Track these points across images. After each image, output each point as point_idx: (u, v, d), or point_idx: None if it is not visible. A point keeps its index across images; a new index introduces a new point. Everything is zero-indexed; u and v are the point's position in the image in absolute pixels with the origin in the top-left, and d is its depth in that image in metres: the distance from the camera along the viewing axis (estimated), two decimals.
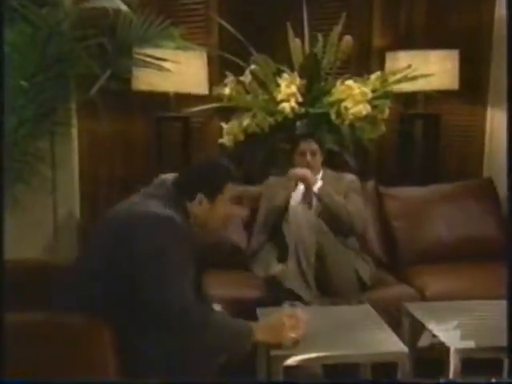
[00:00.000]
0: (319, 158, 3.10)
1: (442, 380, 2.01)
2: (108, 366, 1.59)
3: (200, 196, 1.91)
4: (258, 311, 2.30)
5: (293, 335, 1.91)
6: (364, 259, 2.99)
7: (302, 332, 1.93)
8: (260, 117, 3.40)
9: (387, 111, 3.40)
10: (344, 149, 3.45)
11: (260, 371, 2.27)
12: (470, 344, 1.95)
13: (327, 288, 2.63)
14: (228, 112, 3.53)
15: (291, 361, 1.94)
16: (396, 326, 2.18)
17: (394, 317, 2.40)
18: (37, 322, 1.60)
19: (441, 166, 3.66)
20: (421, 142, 3.66)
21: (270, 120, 3.38)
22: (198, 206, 1.91)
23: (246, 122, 3.40)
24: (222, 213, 1.95)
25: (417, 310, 2.34)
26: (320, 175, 3.13)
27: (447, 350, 1.96)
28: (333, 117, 3.34)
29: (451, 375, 1.93)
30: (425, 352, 2.24)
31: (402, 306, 2.41)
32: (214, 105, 3.53)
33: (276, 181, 3.24)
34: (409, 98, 3.60)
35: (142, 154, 3.70)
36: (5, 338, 1.48)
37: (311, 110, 3.33)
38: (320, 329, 2.09)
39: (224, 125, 3.47)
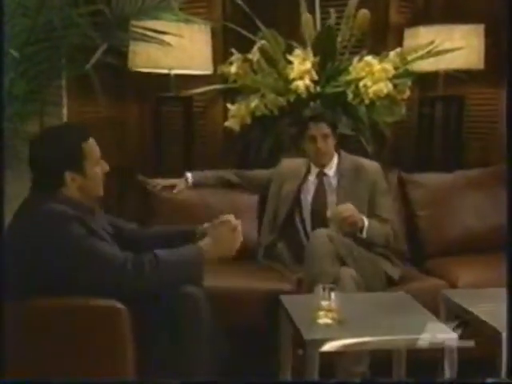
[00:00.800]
0: (332, 143, 3.03)
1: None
2: (127, 350, 1.66)
3: (67, 175, 1.94)
4: (283, 298, 2.29)
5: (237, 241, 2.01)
6: (393, 262, 2.95)
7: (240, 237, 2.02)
8: (270, 97, 3.37)
9: (408, 92, 3.39)
10: (360, 133, 3.44)
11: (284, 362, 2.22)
12: None
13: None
14: (234, 93, 3.50)
15: (329, 346, 1.91)
16: None
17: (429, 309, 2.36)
18: (55, 307, 1.71)
19: (464, 152, 3.66)
20: (442, 126, 3.66)
21: (282, 100, 3.35)
22: (73, 183, 1.94)
23: (254, 103, 3.37)
24: (97, 173, 1.98)
25: (456, 296, 2.32)
26: (335, 160, 3.10)
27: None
28: (350, 97, 3.32)
29: (504, 359, 1.89)
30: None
31: (439, 294, 2.39)
32: (219, 86, 3.51)
33: (288, 166, 3.19)
34: (429, 79, 3.60)
35: (138, 140, 3.66)
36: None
37: (328, 90, 3.31)
38: (358, 314, 2.08)
39: (230, 106, 3.44)
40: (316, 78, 3.29)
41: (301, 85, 3.25)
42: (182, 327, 1.85)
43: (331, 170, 3.07)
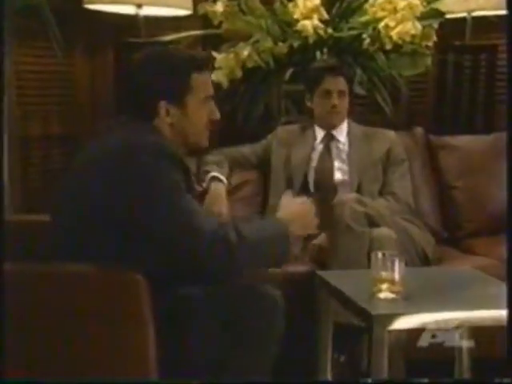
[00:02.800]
0: (347, 101, 3.06)
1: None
2: (145, 320, 1.66)
3: (163, 105, 1.92)
4: (322, 273, 2.35)
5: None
6: (419, 226, 3.00)
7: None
8: (265, 44, 3.34)
9: (434, 36, 3.42)
10: (376, 90, 3.45)
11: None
12: None
13: None
14: (218, 39, 3.46)
15: (402, 323, 1.90)
16: None
17: None
18: (68, 273, 1.69)
19: (498, 111, 3.72)
20: (471, 80, 3.72)
21: (282, 47, 3.33)
22: (166, 118, 1.93)
23: (245, 51, 3.33)
24: (201, 115, 1.98)
25: None
26: (345, 124, 3.12)
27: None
28: (366, 42, 3.33)
29: None
30: None
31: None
32: (200, 32, 3.48)
33: (289, 133, 3.19)
34: (455, 24, 3.65)
35: (92, 99, 3.62)
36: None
37: (344, 32, 3.31)
38: (424, 287, 2.09)
39: (215, 55, 3.39)
40: (326, 16, 3.28)
41: (308, 25, 3.23)
42: (254, 329, 1.86)
43: (342, 135, 3.09)
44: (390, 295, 2.00)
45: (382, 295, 2.01)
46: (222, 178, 2.89)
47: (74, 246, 1.82)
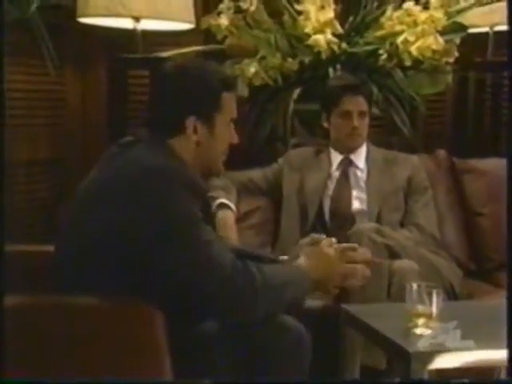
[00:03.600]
0: (367, 122, 3.08)
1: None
2: (160, 353, 1.67)
3: (191, 121, 1.92)
4: (351, 308, 2.31)
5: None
6: (445, 258, 3.00)
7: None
8: (273, 61, 3.35)
9: (455, 52, 3.44)
10: (392, 110, 3.47)
11: None
12: None
13: None
14: (222, 56, 3.46)
15: (442, 361, 1.88)
16: None
17: None
18: (80, 306, 1.71)
19: None
20: (493, 99, 3.74)
21: (292, 63, 3.34)
22: (193, 136, 1.93)
23: (252, 68, 3.34)
24: (225, 137, 2.01)
25: None
26: (364, 148, 3.13)
27: None
28: (382, 58, 3.35)
29: None
30: None
31: None
32: (203, 47, 3.49)
33: (301, 157, 3.19)
34: (476, 39, 3.67)
35: (87, 123, 3.61)
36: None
37: (354, 48, 3.32)
38: (462, 324, 2.05)
39: None
40: (341, 31, 3.29)
41: (321, 40, 3.23)
42: (277, 368, 1.86)
43: (360, 159, 3.10)
44: (427, 331, 1.99)
45: (419, 331, 1.99)
46: (231, 204, 2.88)
47: (81, 277, 1.81)
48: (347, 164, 3.11)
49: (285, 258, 2.17)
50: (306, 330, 1.90)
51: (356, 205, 3.04)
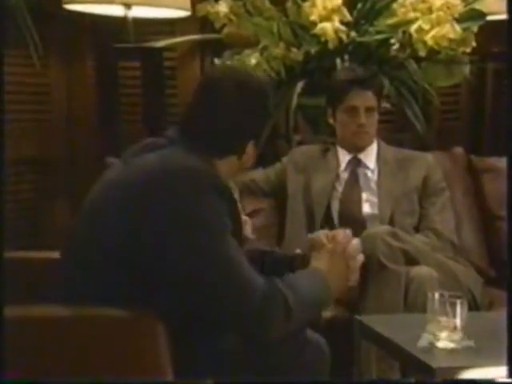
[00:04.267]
0: (376, 119, 3.04)
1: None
2: (162, 366, 1.67)
3: (250, 146, 1.94)
4: (362, 318, 2.27)
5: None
6: (464, 264, 2.97)
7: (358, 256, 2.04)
8: (276, 51, 3.32)
9: (473, 41, 3.41)
10: (405, 103, 3.44)
11: None
12: None
13: None
14: (219, 46, 3.46)
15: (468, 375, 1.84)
16: None
17: None
18: (78, 318, 1.71)
19: None
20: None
21: (297, 54, 3.31)
22: (245, 157, 1.94)
23: (253, 59, 3.31)
24: (249, 163, 2.01)
25: None
26: (374, 146, 3.09)
27: None
28: (394, 47, 3.32)
29: None
30: None
31: None
32: (200, 36, 3.48)
33: (307, 156, 3.16)
34: (495, 28, 3.64)
35: (73, 119, 3.61)
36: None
37: (364, 37, 3.29)
38: (486, 337, 2.05)
39: (217, 62, 3.37)
40: (349, 18, 3.26)
41: (329, 28, 3.20)
42: (299, 376, 1.86)
43: (370, 159, 3.07)
44: (451, 344, 1.96)
45: (441, 344, 1.97)
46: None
47: (94, 287, 1.78)
48: (356, 164, 3.07)
49: (298, 252, 2.18)
50: (326, 344, 1.92)
51: (367, 208, 3.00)
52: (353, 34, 3.30)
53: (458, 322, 1.97)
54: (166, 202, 1.74)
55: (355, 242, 2.07)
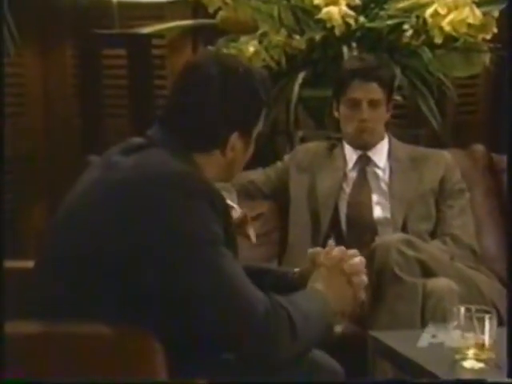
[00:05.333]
0: (383, 114, 3.03)
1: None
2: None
3: (234, 138, 1.90)
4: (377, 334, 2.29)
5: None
6: (487, 275, 2.98)
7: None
8: (277, 38, 3.34)
9: (494, 27, 3.42)
10: (419, 96, 3.44)
11: None
12: None
13: None
14: (213, 32, 3.46)
15: None
16: None
17: None
18: (67, 334, 1.71)
19: None
20: None
21: (300, 41, 3.32)
22: (230, 153, 1.92)
23: (251, 47, 3.32)
24: (252, 149, 1.99)
25: None
26: (385, 144, 3.09)
27: None
28: (407, 34, 3.33)
29: None
30: None
31: None
32: (191, 22, 3.49)
33: (311, 154, 3.15)
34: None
35: (55, 111, 3.61)
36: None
37: (379, 22, 3.30)
38: None
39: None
40: (358, 1, 3.27)
41: (335, 13, 3.21)
42: None
43: (381, 157, 3.06)
44: (478, 364, 1.95)
45: (468, 364, 1.96)
46: (235, 205, 2.85)
47: (73, 302, 1.77)
48: (365, 162, 3.05)
49: (297, 270, 2.14)
50: (341, 369, 1.91)
51: (377, 212, 3.00)
52: (361, 18, 3.32)
53: (486, 339, 1.96)
54: (149, 213, 1.73)
55: (357, 259, 2.06)
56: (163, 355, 1.66)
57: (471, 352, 1.96)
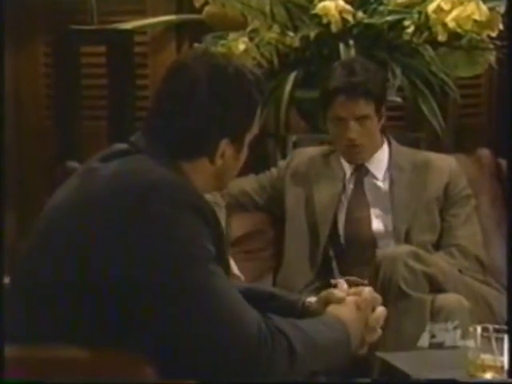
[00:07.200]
0: (374, 127, 3.02)
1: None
2: None
3: (224, 144, 1.88)
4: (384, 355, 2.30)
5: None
6: (496, 288, 3.02)
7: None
8: (269, 35, 3.36)
9: (500, 24, 3.45)
10: (420, 97, 3.46)
11: None
12: None
13: None
14: (200, 28, 3.48)
15: None
16: None
17: None
18: (59, 359, 1.63)
19: None
20: None
21: (293, 38, 3.34)
22: (219, 161, 1.90)
23: (240, 45, 3.34)
24: (245, 156, 1.98)
25: None
26: (385, 152, 3.10)
27: None
28: (408, 31, 3.35)
29: None
30: None
31: None
32: (175, 17, 3.50)
33: (307, 162, 3.16)
34: None
35: (22, 114, 3.62)
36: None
37: (377, 18, 3.32)
38: None
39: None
40: None
41: (332, 8, 3.23)
42: None
43: (380, 166, 3.07)
44: None
45: None
46: (238, 272, 2.88)
47: (48, 325, 1.76)
48: (363, 173, 3.06)
49: (309, 300, 2.11)
50: None
51: (376, 225, 3.00)
52: (359, 14, 3.34)
53: (505, 360, 1.96)
54: (132, 228, 1.73)
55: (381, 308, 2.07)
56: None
57: (488, 375, 1.96)
